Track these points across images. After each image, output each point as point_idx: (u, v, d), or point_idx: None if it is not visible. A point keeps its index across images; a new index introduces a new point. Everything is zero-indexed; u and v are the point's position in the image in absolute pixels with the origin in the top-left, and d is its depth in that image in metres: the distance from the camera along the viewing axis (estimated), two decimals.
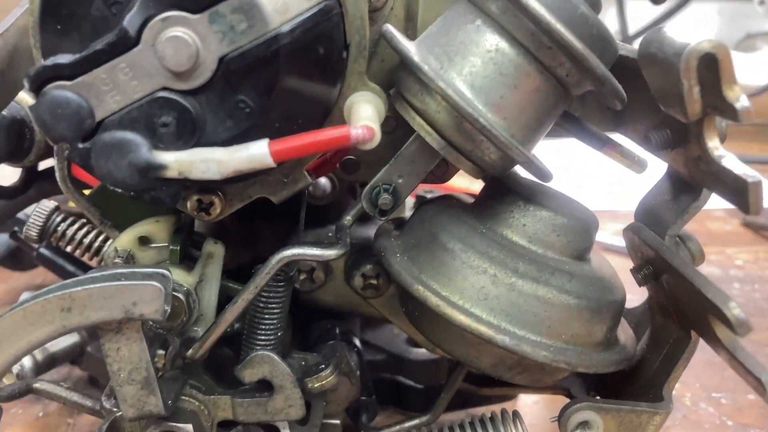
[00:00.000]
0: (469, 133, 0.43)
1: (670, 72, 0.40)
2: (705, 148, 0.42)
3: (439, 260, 0.48)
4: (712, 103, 0.40)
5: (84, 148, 0.39)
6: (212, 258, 0.50)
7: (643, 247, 0.50)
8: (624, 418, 0.50)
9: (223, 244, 0.59)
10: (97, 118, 0.39)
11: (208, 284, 0.50)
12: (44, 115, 0.38)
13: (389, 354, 0.68)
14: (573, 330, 0.47)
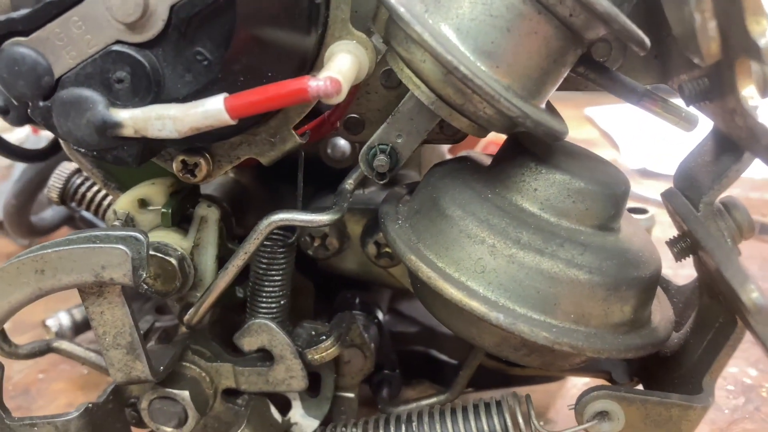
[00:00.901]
0: (457, 85, 0.39)
1: (684, 4, 0.33)
2: (738, 97, 0.35)
3: (437, 228, 0.43)
4: (736, 41, 0.32)
5: (45, 107, 0.38)
6: (206, 222, 0.48)
7: (677, 217, 0.43)
8: (650, 411, 0.44)
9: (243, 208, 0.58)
10: (55, 75, 0.38)
11: (204, 249, 0.49)
12: (2, 72, 0.37)
13: (422, 326, 0.65)
14: (584, 309, 0.41)
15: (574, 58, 0.41)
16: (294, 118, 0.44)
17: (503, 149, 0.47)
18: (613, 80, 0.46)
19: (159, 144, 0.41)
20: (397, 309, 0.66)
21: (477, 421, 0.46)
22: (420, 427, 0.47)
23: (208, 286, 0.49)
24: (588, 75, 0.45)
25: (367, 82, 0.47)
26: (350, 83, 0.38)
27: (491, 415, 0.46)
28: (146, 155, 0.40)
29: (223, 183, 0.59)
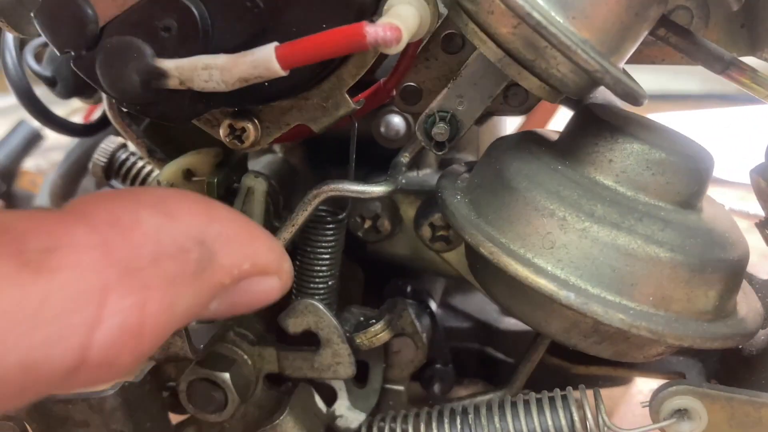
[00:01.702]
0: (529, 38, 0.35)
1: None
2: None
3: (500, 201, 0.40)
4: None
5: (88, 57, 0.36)
6: (252, 193, 0.46)
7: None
8: (737, 411, 0.39)
9: (291, 188, 0.55)
10: (100, 23, 0.36)
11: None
12: (46, 19, 0.36)
13: (477, 322, 0.61)
14: (665, 291, 0.37)
15: (656, 14, 0.37)
16: (348, 80, 0.41)
17: (573, 120, 0.43)
18: (697, 45, 0.42)
19: (206, 101, 0.38)
20: (449, 303, 0.63)
21: (540, 415, 0.42)
22: (477, 420, 0.43)
23: None
24: (669, 39, 0.42)
25: (427, 47, 0.44)
26: (410, 34, 0.35)
27: (556, 410, 0.42)
28: (192, 112, 0.38)
29: (272, 161, 0.56)
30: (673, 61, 0.47)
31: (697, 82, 1.76)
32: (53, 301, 0.23)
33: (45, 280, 0.23)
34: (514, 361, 0.59)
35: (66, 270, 0.23)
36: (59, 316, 0.23)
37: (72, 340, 0.23)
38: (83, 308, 0.23)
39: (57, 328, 0.23)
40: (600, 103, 0.45)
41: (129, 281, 0.25)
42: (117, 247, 0.25)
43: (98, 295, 0.24)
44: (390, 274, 0.58)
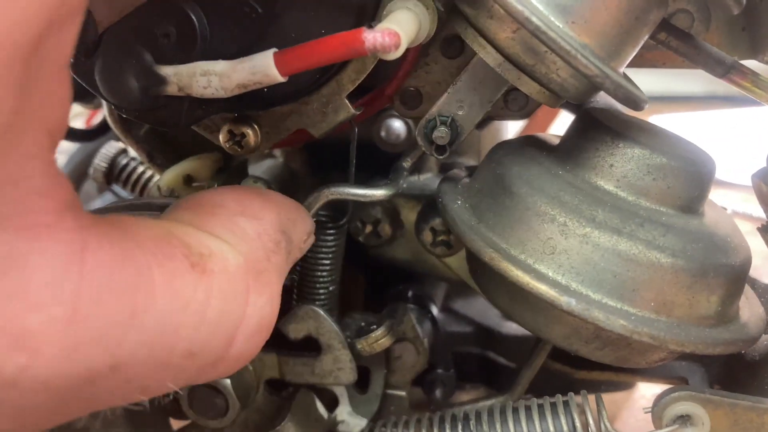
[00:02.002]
0: (528, 43, 0.35)
1: None
2: None
3: (501, 206, 0.40)
4: None
5: (87, 63, 0.36)
6: None
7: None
8: (740, 417, 0.39)
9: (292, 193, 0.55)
10: (99, 29, 0.36)
11: None
12: None
13: (479, 327, 0.61)
14: (666, 296, 0.37)
15: (656, 18, 0.37)
16: (347, 86, 0.41)
17: (574, 124, 0.43)
18: (698, 49, 0.42)
19: (205, 107, 0.38)
20: (451, 308, 0.62)
21: (542, 421, 0.42)
22: (478, 426, 0.43)
23: None
24: (670, 42, 0.41)
25: (427, 51, 0.44)
26: (409, 39, 0.35)
27: (558, 415, 0.41)
28: (191, 118, 0.38)
29: (273, 166, 0.56)
30: (674, 65, 0.47)
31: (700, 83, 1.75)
32: (214, 301, 0.26)
33: (207, 281, 0.26)
34: (516, 366, 0.59)
35: (221, 274, 0.26)
36: (218, 314, 0.26)
37: (223, 336, 0.26)
38: (234, 308, 0.27)
39: (215, 325, 0.26)
40: (601, 108, 0.45)
41: (260, 282, 0.28)
42: (247, 252, 0.28)
43: (244, 296, 0.27)
44: (391, 279, 0.58)
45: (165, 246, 0.25)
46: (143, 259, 0.24)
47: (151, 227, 0.26)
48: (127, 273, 0.23)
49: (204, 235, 0.28)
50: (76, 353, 0.22)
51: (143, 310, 0.23)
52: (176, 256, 0.25)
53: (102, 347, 0.22)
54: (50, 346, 0.21)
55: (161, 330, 0.24)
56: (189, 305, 0.25)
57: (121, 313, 0.23)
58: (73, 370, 0.22)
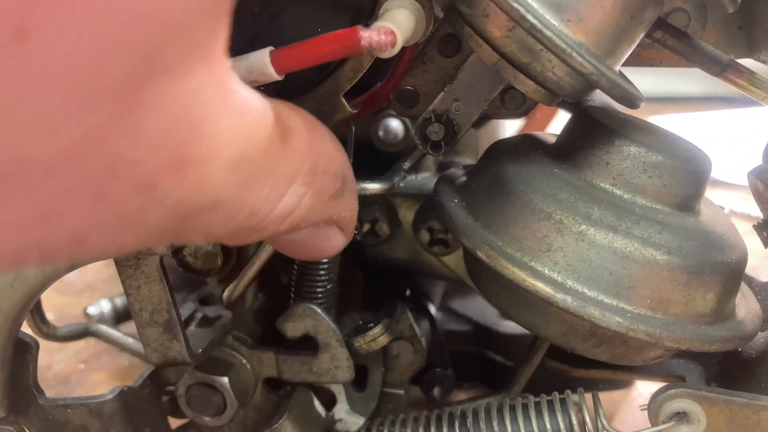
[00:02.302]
0: (524, 41, 0.35)
1: None
2: None
3: (497, 204, 0.40)
4: None
5: None
6: None
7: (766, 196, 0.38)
8: (736, 414, 0.39)
9: None
10: None
11: None
12: None
13: (476, 325, 0.61)
14: (662, 294, 0.37)
15: (652, 16, 0.37)
16: (344, 84, 0.41)
17: (570, 123, 0.43)
18: (694, 48, 0.42)
19: None
20: (449, 307, 0.63)
21: (539, 419, 0.42)
22: (475, 424, 0.43)
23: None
24: (666, 41, 0.41)
25: (424, 50, 0.44)
26: (405, 37, 0.35)
27: (555, 413, 0.42)
28: None
29: None
30: (671, 64, 0.47)
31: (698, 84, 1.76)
32: (287, 168, 0.28)
33: (290, 149, 0.28)
34: (514, 365, 0.59)
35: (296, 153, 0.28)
36: (288, 182, 0.28)
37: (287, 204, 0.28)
38: (297, 186, 0.28)
39: (284, 191, 0.28)
40: (597, 106, 0.45)
41: (315, 184, 0.30)
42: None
43: (306, 178, 0.29)
44: (389, 277, 0.58)
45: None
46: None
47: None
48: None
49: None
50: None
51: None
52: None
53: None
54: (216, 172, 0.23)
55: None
56: (277, 166, 0.27)
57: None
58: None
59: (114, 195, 0.21)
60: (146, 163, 0.21)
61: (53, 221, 0.21)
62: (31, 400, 0.44)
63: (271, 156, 0.27)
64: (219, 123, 0.24)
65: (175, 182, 0.22)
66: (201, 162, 0.23)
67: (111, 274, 0.85)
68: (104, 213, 0.22)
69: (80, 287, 0.83)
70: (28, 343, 0.44)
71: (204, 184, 0.23)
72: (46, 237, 0.21)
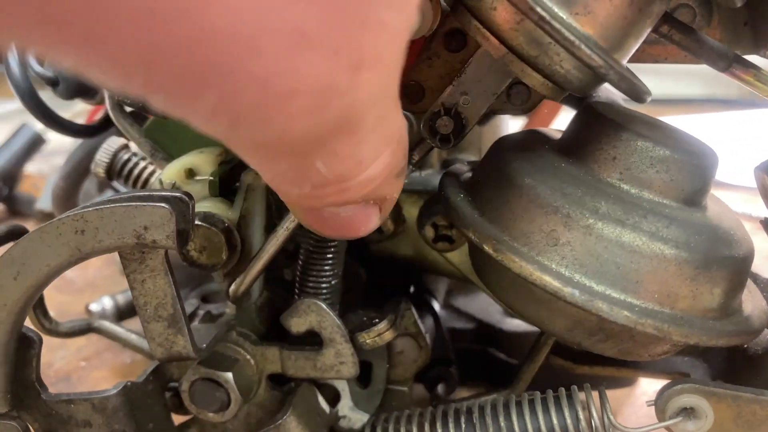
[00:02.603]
0: (532, 34, 0.35)
1: None
2: None
3: (503, 199, 0.40)
4: None
5: None
6: (253, 190, 0.45)
7: None
8: (744, 409, 0.39)
9: None
10: None
11: (252, 219, 0.46)
12: None
13: (480, 323, 0.61)
14: (670, 288, 0.37)
15: (659, 10, 0.37)
16: None
17: (576, 118, 0.43)
18: (701, 43, 0.42)
19: None
20: (452, 305, 0.62)
21: (545, 414, 0.42)
22: (481, 420, 0.43)
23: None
24: (672, 36, 0.41)
25: (429, 45, 0.44)
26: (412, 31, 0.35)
27: (561, 409, 0.41)
28: None
29: None
30: (677, 60, 0.47)
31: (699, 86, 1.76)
32: (391, 130, 0.28)
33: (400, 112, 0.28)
34: (518, 362, 0.59)
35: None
36: (387, 144, 0.28)
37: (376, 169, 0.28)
38: (389, 153, 0.29)
39: (380, 153, 0.28)
40: (603, 101, 0.45)
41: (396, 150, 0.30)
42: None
43: (395, 147, 0.29)
44: (393, 274, 0.58)
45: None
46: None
47: None
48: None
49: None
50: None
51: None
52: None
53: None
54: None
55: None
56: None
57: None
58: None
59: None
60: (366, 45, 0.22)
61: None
62: (34, 395, 0.44)
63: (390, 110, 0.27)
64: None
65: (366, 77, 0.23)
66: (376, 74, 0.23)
67: (111, 272, 0.85)
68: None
69: (81, 285, 0.83)
70: (31, 338, 0.44)
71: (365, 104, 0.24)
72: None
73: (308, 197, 0.29)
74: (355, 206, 0.31)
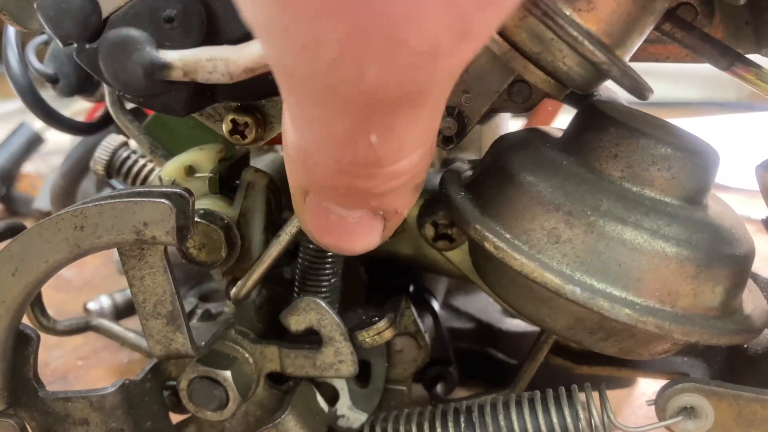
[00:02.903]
0: (534, 30, 0.35)
1: None
2: None
3: (505, 196, 0.40)
4: None
5: (91, 49, 0.36)
6: (253, 188, 0.45)
7: None
8: (744, 409, 0.39)
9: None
10: (103, 14, 0.36)
11: (252, 217, 0.46)
12: (49, 11, 0.35)
13: (479, 323, 0.61)
14: (671, 286, 0.37)
15: (662, 7, 0.37)
16: None
17: (578, 115, 0.43)
18: (702, 41, 0.42)
19: (209, 94, 0.38)
20: (451, 304, 0.62)
21: (545, 414, 0.41)
22: (481, 419, 0.42)
23: (255, 257, 0.46)
24: (674, 34, 0.41)
25: None
26: None
27: (561, 408, 0.41)
28: (195, 104, 0.38)
29: (275, 160, 0.56)
30: (678, 59, 0.47)
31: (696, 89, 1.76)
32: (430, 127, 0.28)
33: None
34: (516, 363, 0.59)
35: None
36: (423, 142, 0.29)
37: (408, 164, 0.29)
38: (421, 152, 0.29)
39: (416, 149, 0.28)
40: (605, 100, 0.45)
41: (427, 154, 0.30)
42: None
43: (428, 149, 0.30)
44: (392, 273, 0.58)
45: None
46: None
47: None
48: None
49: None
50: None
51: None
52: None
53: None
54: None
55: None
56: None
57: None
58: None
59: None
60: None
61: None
62: (31, 393, 0.44)
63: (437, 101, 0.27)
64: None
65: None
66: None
67: (109, 272, 0.84)
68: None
69: (78, 284, 0.82)
70: (29, 335, 0.43)
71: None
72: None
73: (339, 173, 0.28)
74: (364, 213, 0.31)
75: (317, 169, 0.29)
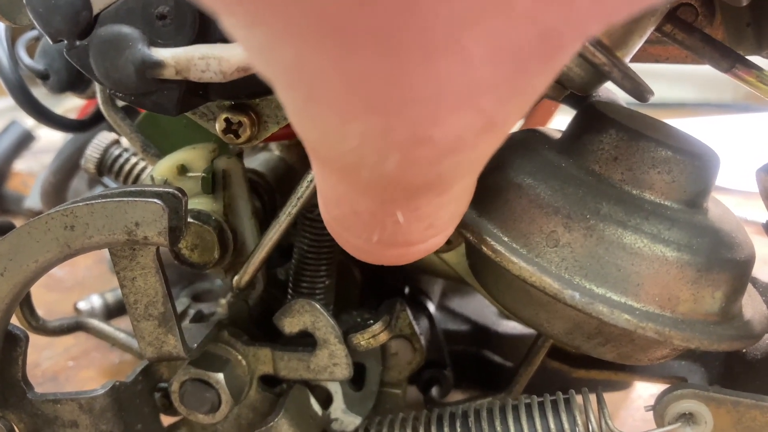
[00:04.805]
0: None
1: None
2: None
3: (503, 199, 0.39)
4: None
5: (81, 46, 0.35)
6: (230, 176, 0.44)
7: None
8: (744, 415, 0.38)
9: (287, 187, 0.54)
10: (94, 10, 0.35)
11: (237, 206, 0.45)
12: (38, 7, 0.35)
13: (475, 325, 0.60)
14: (671, 291, 0.36)
15: (663, 8, 0.36)
16: None
17: (577, 117, 0.43)
18: (703, 42, 0.41)
19: (202, 93, 0.37)
20: (447, 306, 0.62)
21: (542, 419, 0.41)
22: (477, 424, 0.42)
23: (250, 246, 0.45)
24: (675, 35, 0.41)
25: None
26: None
27: (558, 413, 0.41)
28: (187, 103, 0.37)
29: (269, 159, 0.55)
30: (678, 60, 0.46)
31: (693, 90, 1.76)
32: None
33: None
34: (514, 365, 0.58)
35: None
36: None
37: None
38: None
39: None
40: (605, 101, 0.44)
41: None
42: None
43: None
44: (387, 275, 0.57)
45: None
46: None
47: None
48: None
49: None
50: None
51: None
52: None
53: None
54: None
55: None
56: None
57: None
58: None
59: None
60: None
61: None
62: (19, 395, 0.43)
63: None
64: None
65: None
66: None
67: (101, 272, 0.83)
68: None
69: (69, 284, 0.82)
70: (17, 335, 0.42)
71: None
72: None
73: (368, 252, 0.29)
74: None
75: (348, 246, 0.30)
